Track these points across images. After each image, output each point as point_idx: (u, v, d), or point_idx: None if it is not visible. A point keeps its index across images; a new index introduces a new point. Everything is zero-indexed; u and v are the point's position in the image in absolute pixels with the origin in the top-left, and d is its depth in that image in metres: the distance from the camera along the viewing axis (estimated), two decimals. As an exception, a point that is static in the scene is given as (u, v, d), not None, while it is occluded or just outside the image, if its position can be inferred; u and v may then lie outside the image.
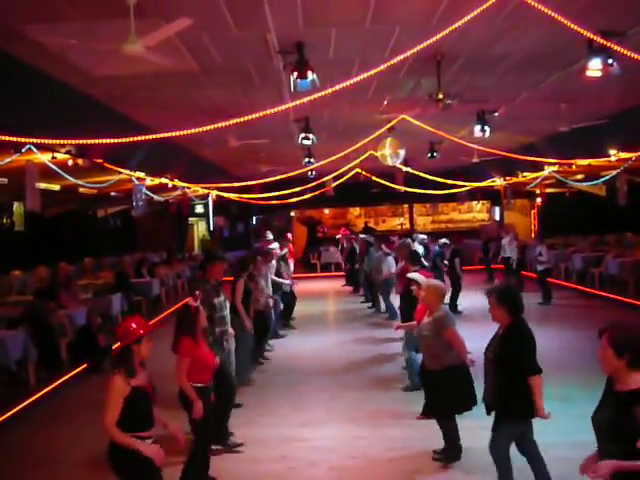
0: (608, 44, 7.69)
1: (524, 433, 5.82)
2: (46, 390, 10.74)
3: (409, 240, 14.05)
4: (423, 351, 7.49)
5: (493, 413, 5.82)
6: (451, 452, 7.20)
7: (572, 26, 7.03)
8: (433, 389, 7.32)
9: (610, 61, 7.99)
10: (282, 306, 15.13)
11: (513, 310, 5.72)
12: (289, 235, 25.87)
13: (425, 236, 18.30)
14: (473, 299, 15.18)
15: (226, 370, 7.91)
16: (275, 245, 15.33)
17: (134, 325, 5.11)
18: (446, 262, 16.05)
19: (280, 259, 14.86)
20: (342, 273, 25.30)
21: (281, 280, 14.30)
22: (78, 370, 11.84)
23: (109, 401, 4.87)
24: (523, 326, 5.75)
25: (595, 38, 7.61)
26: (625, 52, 7.77)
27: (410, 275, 8.94)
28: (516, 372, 5.56)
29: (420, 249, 15.64)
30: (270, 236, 19.39)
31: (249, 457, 7.60)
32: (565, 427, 7.39)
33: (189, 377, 6.46)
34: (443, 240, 16.94)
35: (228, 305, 8.90)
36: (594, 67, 8.12)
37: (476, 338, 7.41)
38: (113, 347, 5.26)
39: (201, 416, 6.33)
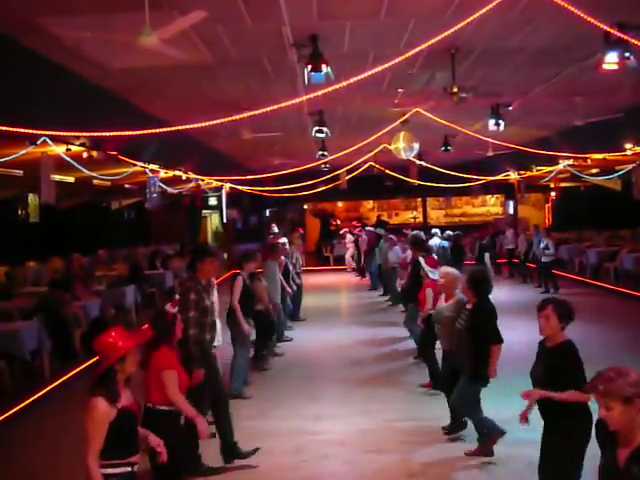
0: (625, 37, 7.63)
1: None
2: (60, 381, 10.83)
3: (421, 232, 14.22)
4: (442, 333, 7.87)
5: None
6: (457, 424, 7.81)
7: (588, 19, 6.97)
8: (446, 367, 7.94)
9: (627, 54, 7.91)
10: (291, 304, 14.69)
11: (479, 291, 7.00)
12: (300, 230, 26.04)
13: (450, 232, 18.49)
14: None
15: (214, 382, 7.20)
16: (284, 240, 15.06)
17: (116, 341, 4.30)
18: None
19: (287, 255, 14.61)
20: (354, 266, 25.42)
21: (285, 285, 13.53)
22: (92, 361, 11.91)
23: (91, 429, 4.18)
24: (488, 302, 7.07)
25: (611, 31, 7.55)
26: (642, 45, 7.71)
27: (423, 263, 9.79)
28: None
29: (445, 244, 16.11)
30: (275, 229, 19.32)
31: (262, 449, 7.61)
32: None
33: (157, 398, 5.52)
34: (448, 233, 17.42)
35: (217, 308, 8.03)
36: (610, 60, 8.04)
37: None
38: (94, 366, 4.58)
39: (176, 444, 5.19)
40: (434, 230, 18.55)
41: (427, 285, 9.40)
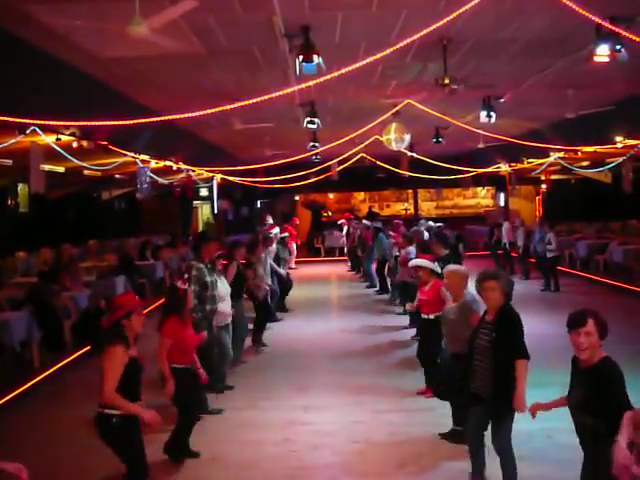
0: (616, 30, 7.64)
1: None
2: (50, 371, 10.80)
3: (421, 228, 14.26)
4: (447, 335, 7.31)
5: None
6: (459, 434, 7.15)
7: (580, 11, 6.97)
8: (448, 372, 7.23)
9: (618, 47, 7.93)
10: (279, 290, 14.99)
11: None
12: (296, 220, 25.97)
13: (431, 223, 18.14)
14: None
15: (210, 347, 8.38)
16: (277, 230, 15.37)
17: (123, 300, 5.43)
18: None
19: (279, 243, 14.88)
20: (346, 258, 25.32)
21: (276, 268, 14.43)
22: (81, 352, 11.89)
23: (110, 369, 5.03)
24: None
25: (603, 23, 7.56)
26: (633, 38, 7.72)
27: (414, 262, 9.12)
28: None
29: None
30: (270, 221, 19.42)
31: (251, 440, 7.64)
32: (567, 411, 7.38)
33: (172, 358, 6.85)
34: (429, 224, 17.11)
35: (221, 286, 9.09)
36: (602, 53, 8.05)
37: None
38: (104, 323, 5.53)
39: (181, 393, 6.78)
40: (421, 221, 18.35)
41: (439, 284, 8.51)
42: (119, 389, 5.03)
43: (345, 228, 24.55)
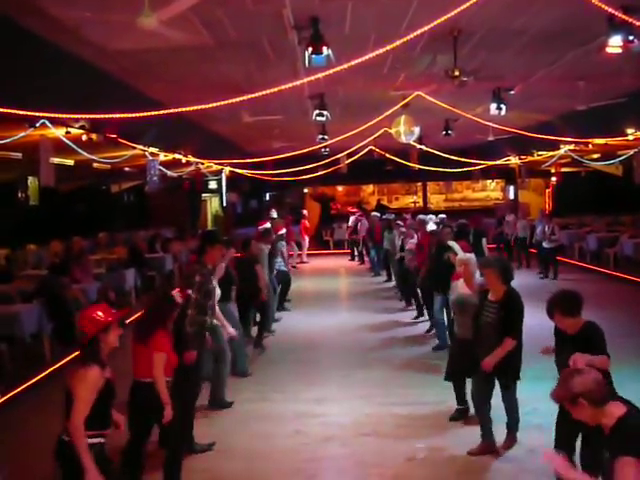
0: (629, 20, 7.55)
1: None
2: (61, 364, 10.84)
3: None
4: (462, 321, 7.56)
5: None
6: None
7: (592, 1, 6.91)
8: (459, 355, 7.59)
9: (631, 38, 7.85)
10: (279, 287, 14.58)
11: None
12: (305, 213, 25.93)
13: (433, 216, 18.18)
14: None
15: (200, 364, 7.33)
16: (268, 225, 14.99)
17: (99, 313, 4.76)
18: None
19: (278, 238, 14.69)
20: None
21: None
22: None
23: (82, 396, 4.50)
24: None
25: (616, 13, 7.48)
26: (647, 28, 7.64)
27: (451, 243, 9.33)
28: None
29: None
30: (275, 214, 19.37)
31: (262, 432, 7.65)
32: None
33: (148, 372, 5.89)
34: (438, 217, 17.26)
35: (218, 293, 8.24)
36: (614, 44, 7.97)
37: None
38: (80, 339, 4.93)
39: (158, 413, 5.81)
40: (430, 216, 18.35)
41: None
42: (94, 416, 4.52)
43: (351, 219, 24.60)
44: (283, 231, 15.47)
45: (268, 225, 15.09)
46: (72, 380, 4.59)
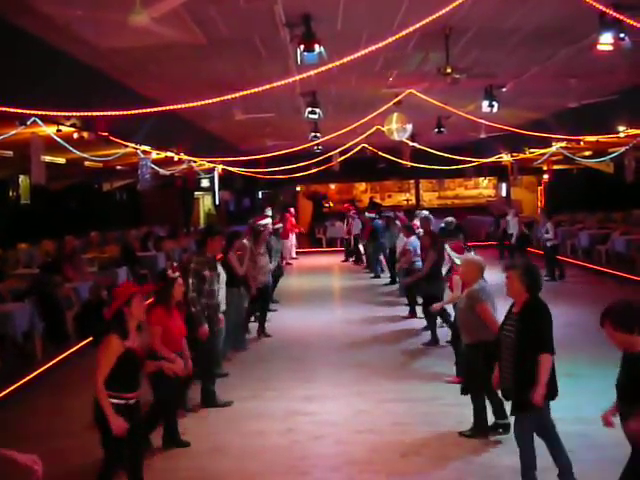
0: (620, 17, 7.58)
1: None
2: (52, 363, 10.80)
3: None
4: (459, 324, 7.51)
5: None
6: (477, 429, 7.15)
7: (584, -1, 6.93)
8: (466, 363, 7.41)
9: (622, 35, 7.88)
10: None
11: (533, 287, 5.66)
12: (292, 210, 25.90)
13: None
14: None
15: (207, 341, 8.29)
16: (267, 221, 15.12)
17: (122, 288, 5.60)
18: None
19: (273, 234, 14.75)
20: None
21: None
22: (84, 343, 11.89)
23: (102, 358, 5.15)
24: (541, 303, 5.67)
25: (607, 11, 7.50)
26: (638, 26, 7.65)
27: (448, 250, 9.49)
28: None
29: None
30: (269, 212, 19.37)
31: (255, 430, 7.63)
32: (571, 403, 7.38)
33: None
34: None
35: (222, 281, 9.02)
36: (605, 41, 8.01)
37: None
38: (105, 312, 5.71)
39: (163, 383, 6.60)
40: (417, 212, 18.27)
41: (455, 272, 8.94)
42: (114, 380, 5.13)
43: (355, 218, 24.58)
44: (278, 226, 15.59)
45: (267, 220, 15.20)
46: (98, 348, 5.27)
